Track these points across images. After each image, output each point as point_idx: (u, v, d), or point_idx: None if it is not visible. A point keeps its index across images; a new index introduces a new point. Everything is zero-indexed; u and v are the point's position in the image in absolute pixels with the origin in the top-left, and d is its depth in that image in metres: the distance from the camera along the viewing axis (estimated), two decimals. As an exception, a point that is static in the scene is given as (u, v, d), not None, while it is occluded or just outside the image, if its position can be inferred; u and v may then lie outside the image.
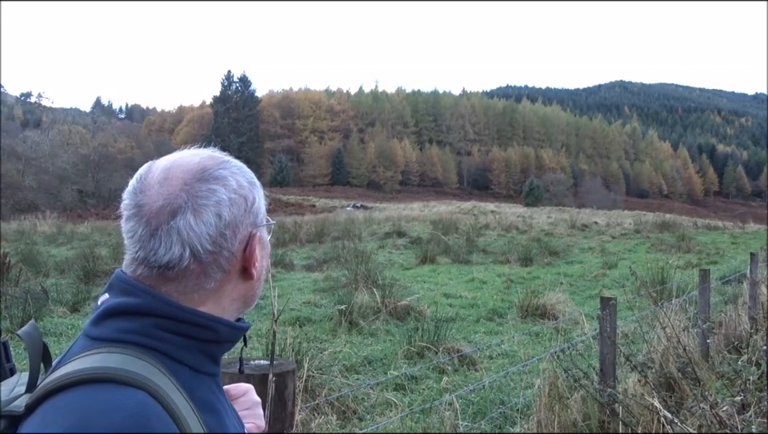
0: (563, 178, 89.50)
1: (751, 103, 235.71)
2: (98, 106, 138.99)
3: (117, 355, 0.74)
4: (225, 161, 0.87)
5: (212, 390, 0.83)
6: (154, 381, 0.72)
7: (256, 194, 0.88)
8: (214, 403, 0.82)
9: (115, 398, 0.68)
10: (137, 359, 0.74)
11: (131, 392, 0.69)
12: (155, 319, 0.78)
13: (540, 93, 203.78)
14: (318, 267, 12.49)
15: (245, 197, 0.85)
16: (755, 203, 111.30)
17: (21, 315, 6.50)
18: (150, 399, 0.69)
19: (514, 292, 9.09)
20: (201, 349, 0.82)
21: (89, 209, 41.26)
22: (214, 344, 0.83)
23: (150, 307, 0.79)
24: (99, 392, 0.69)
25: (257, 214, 0.87)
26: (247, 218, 0.85)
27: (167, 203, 0.79)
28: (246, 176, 0.87)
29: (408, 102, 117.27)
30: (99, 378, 0.70)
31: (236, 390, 1.01)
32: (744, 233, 23.17)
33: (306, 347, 4.96)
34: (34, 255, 12.30)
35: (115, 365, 0.72)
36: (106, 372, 0.71)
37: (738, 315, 6.07)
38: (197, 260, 0.80)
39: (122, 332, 0.77)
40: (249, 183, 0.87)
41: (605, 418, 3.59)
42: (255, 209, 0.87)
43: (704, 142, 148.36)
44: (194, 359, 0.81)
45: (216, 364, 0.86)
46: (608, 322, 3.83)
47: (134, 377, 0.71)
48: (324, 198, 65.55)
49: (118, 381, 0.70)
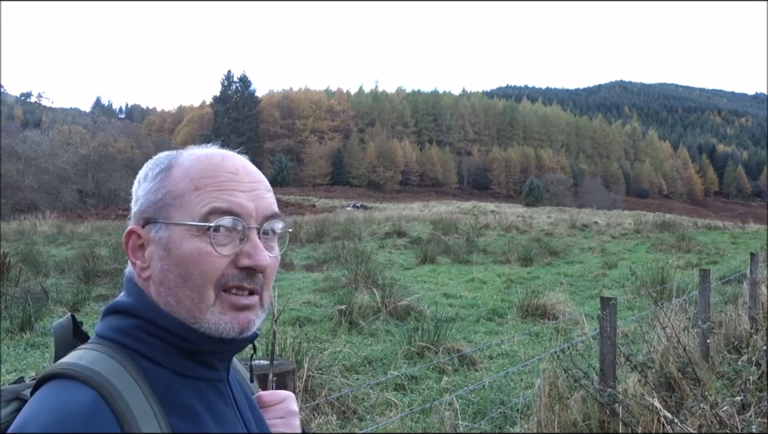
0: (563, 178, 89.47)
1: (751, 103, 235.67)
2: (98, 106, 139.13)
3: (93, 352, 0.76)
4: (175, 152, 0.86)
5: (201, 395, 0.80)
6: (112, 382, 0.72)
7: (144, 186, 0.83)
8: (195, 409, 0.78)
9: (64, 395, 0.70)
10: (108, 358, 0.75)
11: (82, 391, 0.70)
12: (138, 321, 0.79)
13: (540, 93, 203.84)
14: (318, 267, 12.49)
15: (135, 190, 0.85)
16: (755, 203, 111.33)
17: (21, 315, 6.50)
18: (97, 399, 0.70)
19: (514, 292, 9.09)
20: (184, 353, 0.80)
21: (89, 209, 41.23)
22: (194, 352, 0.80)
23: (136, 308, 0.80)
24: (55, 388, 0.72)
25: (141, 207, 0.83)
26: (134, 210, 0.84)
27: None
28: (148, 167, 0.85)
29: (408, 102, 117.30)
30: (62, 374, 0.73)
31: (271, 397, 0.97)
32: (744, 233, 23.15)
33: (306, 347, 4.96)
34: (33, 255, 12.30)
35: (82, 363, 0.74)
36: (70, 369, 0.73)
37: (738, 315, 6.07)
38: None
39: (111, 330, 0.80)
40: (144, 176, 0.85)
41: (605, 418, 3.59)
42: (139, 201, 0.83)
43: (704, 142, 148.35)
44: (176, 362, 0.79)
45: (213, 370, 0.83)
46: (608, 322, 3.83)
47: (90, 376, 0.72)
48: (324, 198, 65.53)
49: (75, 378, 0.72)
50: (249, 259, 0.80)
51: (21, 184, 39.61)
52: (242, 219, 0.80)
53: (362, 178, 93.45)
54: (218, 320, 0.79)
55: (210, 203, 0.79)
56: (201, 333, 0.79)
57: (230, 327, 0.79)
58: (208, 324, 0.79)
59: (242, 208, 0.80)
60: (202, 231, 0.79)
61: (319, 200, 61.58)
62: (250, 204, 0.82)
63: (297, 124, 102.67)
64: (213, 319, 0.79)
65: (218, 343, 0.81)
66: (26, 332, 6.32)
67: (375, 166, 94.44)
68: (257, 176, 0.86)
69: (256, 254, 0.80)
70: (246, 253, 0.80)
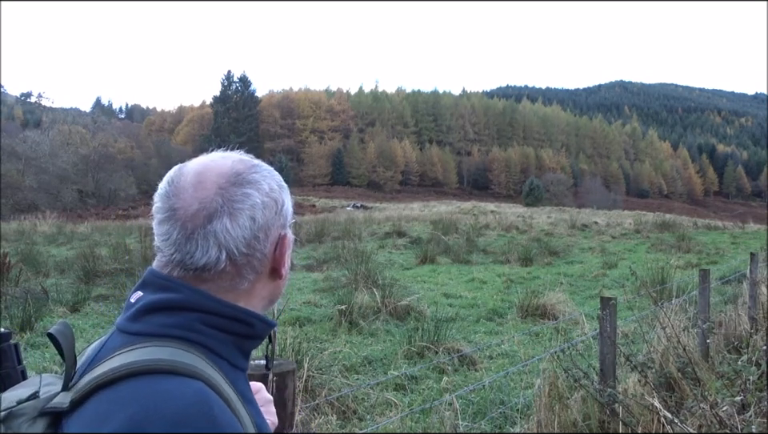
0: (563, 178, 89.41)
1: (751, 103, 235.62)
2: (98, 106, 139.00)
3: (167, 348, 0.75)
4: (256, 165, 0.90)
5: (244, 383, 0.87)
6: (206, 372, 0.74)
7: (284, 197, 0.91)
8: (250, 397, 0.85)
9: (175, 387, 0.70)
10: (186, 352, 0.76)
11: (189, 382, 0.71)
12: (198, 314, 0.80)
13: (540, 93, 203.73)
14: (318, 267, 12.49)
15: (275, 200, 0.88)
16: (755, 203, 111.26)
17: (21, 315, 6.50)
18: (207, 388, 0.72)
19: (514, 292, 9.09)
20: (236, 344, 0.85)
21: (89, 209, 41.27)
22: (248, 340, 0.87)
23: (192, 302, 0.81)
24: (158, 382, 0.70)
25: (286, 217, 0.91)
26: (278, 220, 0.88)
27: (203, 207, 0.81)
28: (275, 180, 0.90)
29: (408, 102, 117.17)
30: (154, 369, 0.71)
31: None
32: (744, 233, 23.16)
33: (306, 347, 4.96)
34: (34, 255, 12.29)
35: (167, 357, 0.73)
36: (159, 363, 0.72)
37: (738, 315, 6.07)
38: (232, 262, 0.83)
39: (165, 327, 0.79)
40: (279, 187, 0.90)
41: (605, 418, 3.59)
42: (285, 211, 0.90)
43: (704, 142, 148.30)
44: (231, 353, 0.84)
45: (247, 360, 0.89)
46: (608, 322, 3.83)
47: (187, 368, 0.73)
48: (324, 198, 65.58)
49: (174, 372, 0.72)
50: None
51: (21, 184, 39.64)
52: None
53: (362, 178, 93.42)
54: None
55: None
56: (261, 318, 0.87)
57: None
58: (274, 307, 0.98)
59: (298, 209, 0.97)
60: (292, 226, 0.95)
61: (319, 200, 61.63)
62: None
63: (297, 124, 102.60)
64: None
65: (268, 327, 0.90)
66: (26, 332, 6.32)
67: (375, 166, 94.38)
68: None
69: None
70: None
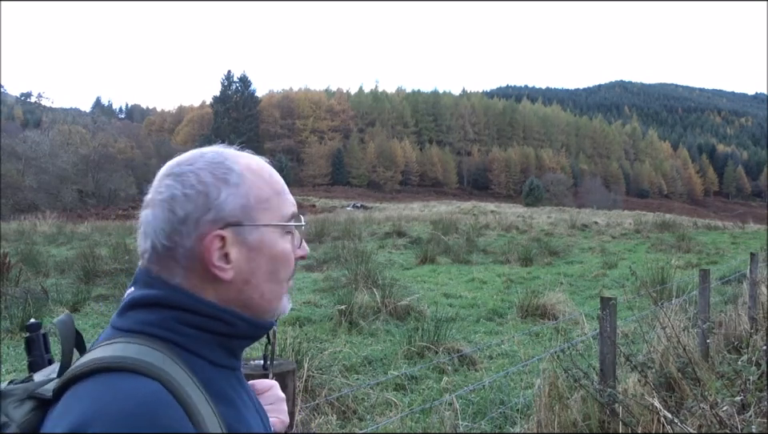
0: (563, 178, 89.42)
1: (751, 103, 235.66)
2: (98, 106, 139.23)
3: (134, 345, 0.76)
4: (200, 155, 0.86)
5: (231, 383, 0.85)
6: (167, 372, 0.73)
7: (224, 191, 0.83)
8: (231, 396, 0.83)
9: (128, 386, 0.70)
10: (153, 349, 0.76)
11: (144, 382, 0.71)
12: (175, 312, 0.81)
13: (540, 93, 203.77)
14: (318, 267, 12.48)
15: (205, 193, 0.82)
16: (755, 203, 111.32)
17: (21, 315, 6.50)
18: (162, 389, 0.71)
19: (514, 292, 9.09)
20: (218, 343, 0.84)
21: (89, 209, 41.25)
22: (234, 339, 0.85)
23: (170, 299, 0.81)
24: (114, 380, 0.71)
25: (222, 213, 0.83)
26: (207, 215, 0.82)
27: (146, 198, 0.86)
28: (216, 172, 0.84)
29: (408, 102, 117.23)
30: (115, 367, 0.72)
31: (261, 385, 1.05)
32: (744, 233, 23.16)
33: (306, 347, 4.96)
34: (34, 255, 12.29)
35: (131, 355, 0.74)
36: (121, 361, 0.73)
37: (737, 315, 6.07)
38: (157, 254, 0.83)
39: (143, 324, 0.80)
40: (217, 180, 0.84)
41: (605, 418, 3.59)
42: (220, 207, 0.83)
43: (704, 142, 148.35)
44: (212, 352, 0.83)
45: (235, 358, 0.88)
46: (608, 322, 3.83)
47: (148, 367, 0.73)
48: (324, 198, 65.60)
49: (132, 370, 0.72)
50: (303, 251, 0.94)
51: (21, 184, 39.62)
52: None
53: (362, 178, 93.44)
54: (284, 304, 0.91)
55: (289, 207, 0.91)
56: (243, 318, 0.85)
57: (285, 308, 0.92)
58: (277, 310, 0.90)
59: (298, 209, 0.94)
60: (287, 231, 0.90)
61: (319, 200, 61.62)
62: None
63: (297, 124, 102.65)
64: (282, 304, 0.91)
65: (257, 329, 0.88)
66: (25, 332, 6.31)
67: (375, 166, 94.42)
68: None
69: (304, 246, 0.95)
70: (303, 247, 0.95)
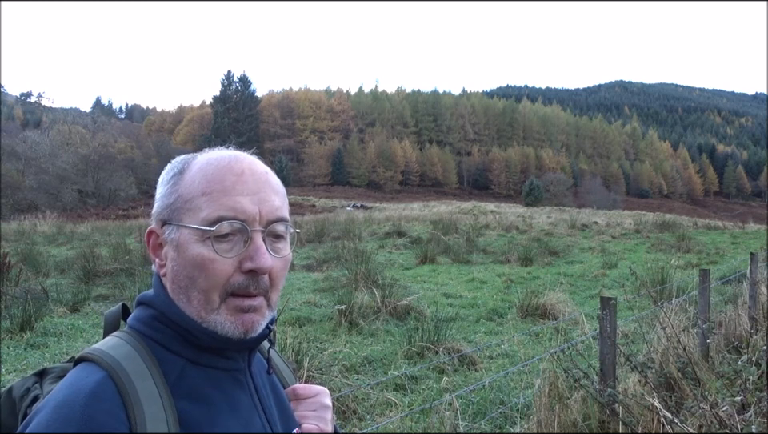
0: (563, 178, 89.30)
1: (751, 103, 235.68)
2: (98, 106, 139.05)
3: (114, 339, 0.83)
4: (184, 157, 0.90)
5: (217, 383, 0.84)
6: (122, 364, 0.77)
7: (164, 188, 0.87)
8: (208, 395, 0.82)
9: (81, 376, 0.76)
10: (126, 343, 0.82)
11: (95, 373, 0.76)
12: (156, 312, 0.85)
13: (540, 93, 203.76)
14: (318, 267, 12.48)
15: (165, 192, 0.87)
16: (755, 203, 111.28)
17: (21, 315, 6.49)
18: (107, 380, 0.75)
19: (514, 292, 9.09)
20: (196, 344, 0.84)
21: (89, 209, 41.21)
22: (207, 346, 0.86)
23: (154, 301, 0.86)
24: (78, 370, 0.78)
25: (159, 208, 0.87)
26: (161, 212, 0.87)
27: None
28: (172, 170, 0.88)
29: (408, 102, 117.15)
30: (87, 357, 0.80)
31: (305, 390, 0.98)
32: (744, 233, 23.15)
33: (306, 347, 4.96)
34: (34, 255, 12.29)
35: (102, 347, 0.81)
36: (92, 353, 0.80)
37: (737, 315, 6.07)
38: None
39: (135, 320, 0.87)
40: (168, 177, 0.88)
41: (605, 418, 3.59)
42: (159, 202, 0.87)
43: (704, 142, 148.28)
44: (190, 351, 0.84)
45: (231, 360, 0.87)
46: (608, 322, 3.83)
47: (105, 359, 0.78)
48: (324, 198, 65.50)
49: (96, 361, 0.78)
50: (251, 262, 0.81)
51: (21, 184, 39.61)
52: (246, 223, 0.82)
53: (362, 178, 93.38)
54: (223, 321, 0.82)
55: (215, 210, 0.81)
56: (209, 331, 0.82)
57: (234, 328, 0.82)
58: (214, 324, 0.82)
59: (245, 213, 0.82)
60: (206, 237, 0.80)
61: (319, 200, 61.56)
62: (253, 207, 0.82)
63: (297, 124, 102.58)
64: (219, 319, 0.82)
65: (225, 342, 0.83)
66: (25, 332, 6.31)
67: (375, 166, 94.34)
68: (263, 177, 0.86)
69: (258, 257, 0.81)
70: (249, 256, 0.82)
